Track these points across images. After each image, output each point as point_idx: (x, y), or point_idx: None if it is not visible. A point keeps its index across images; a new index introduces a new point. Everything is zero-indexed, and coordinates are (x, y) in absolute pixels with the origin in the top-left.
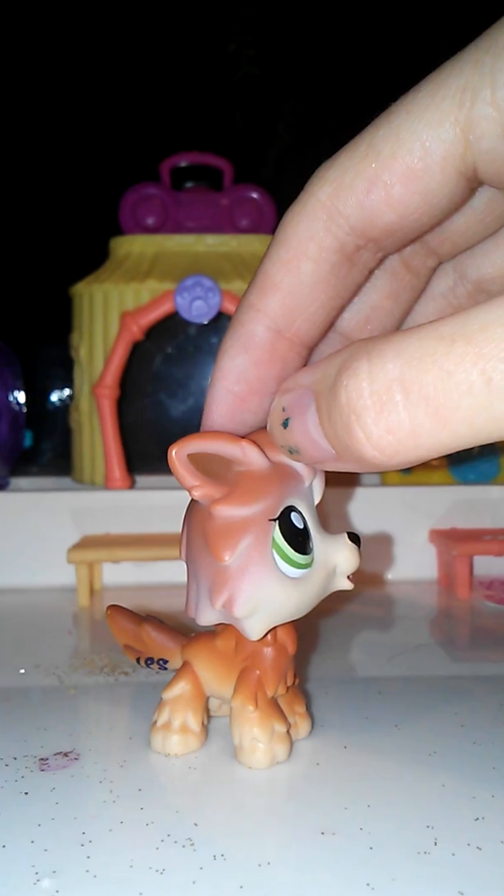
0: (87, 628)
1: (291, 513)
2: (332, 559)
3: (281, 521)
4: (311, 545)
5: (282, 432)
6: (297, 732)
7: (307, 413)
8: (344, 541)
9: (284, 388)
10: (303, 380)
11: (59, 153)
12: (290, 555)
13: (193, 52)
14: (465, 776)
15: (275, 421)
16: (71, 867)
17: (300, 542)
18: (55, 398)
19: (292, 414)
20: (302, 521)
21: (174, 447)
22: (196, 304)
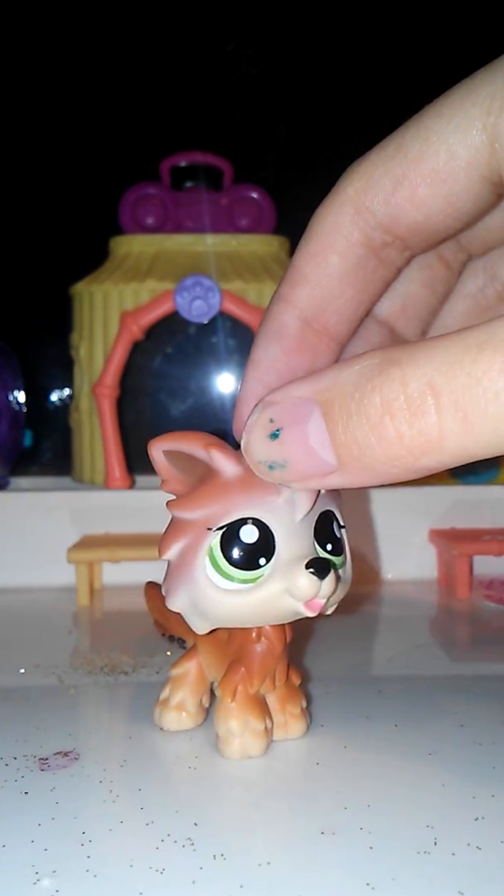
0: (87, 628)
1: (243, 526)
2: (287, 582)
3: (225, 531)
4: (263, 562)
5: (267, 446)
6: (287, 732)
7: (307, 421)
8: (300, 567)
9: (269, 401)
10: (298, 391)
11: (58, 153)
12: (222, 566)
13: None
14: (465, 776)
15: (258, 434)
16: (71, 867)
17: (240, 556)
18: (55, 398)
19: (285, 423)
20: (257, 536)
21: (152, 443)
22: (196, 304)
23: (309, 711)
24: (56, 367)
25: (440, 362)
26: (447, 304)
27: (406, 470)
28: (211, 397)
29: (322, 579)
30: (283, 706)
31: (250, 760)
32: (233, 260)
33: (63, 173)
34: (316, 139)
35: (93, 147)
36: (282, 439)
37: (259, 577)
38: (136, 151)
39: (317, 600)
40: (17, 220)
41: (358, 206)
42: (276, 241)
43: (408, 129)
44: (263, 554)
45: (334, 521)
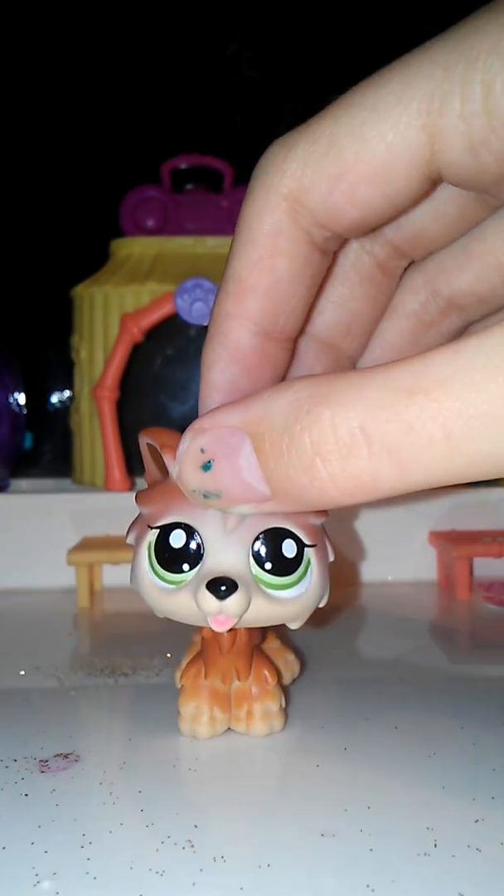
0: (87, 630)
1: (174, 530)
2: (195, 594)
3: (160, 532)
4: (186, 568)
5: (200, 476)
6: (249, 728)
7: (238, 454)
8: (201, 586)
9: (199, 429)
10: (227, 419)
11: (59, 156)
12: (154, 565)
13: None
14: (465, 778)
15: (190, 464)
16: (71, 869)
17: (165, 557)
18: (55, 400)
19: (216, 455)
20: (184, 541)
21: (142, 432)
22: (196, 306)
23: (286, 712)
24: (56, 369)
25: (371, 405)
26: (390, 322)
27: (337, 503)
28: None
29: (221, 600)
30: (245, 702)
31: (251, 762)
32: None
33: (64, 176)
34: None
35: (93, 150)
36: (214, 471)
37: (181, 582)
38: (136, 154)
39: (221, 617)
40: (18, 223)
41: (294, 205)
42: None
43: (338, 123)
44: (188, 560)
45: (287, 539)
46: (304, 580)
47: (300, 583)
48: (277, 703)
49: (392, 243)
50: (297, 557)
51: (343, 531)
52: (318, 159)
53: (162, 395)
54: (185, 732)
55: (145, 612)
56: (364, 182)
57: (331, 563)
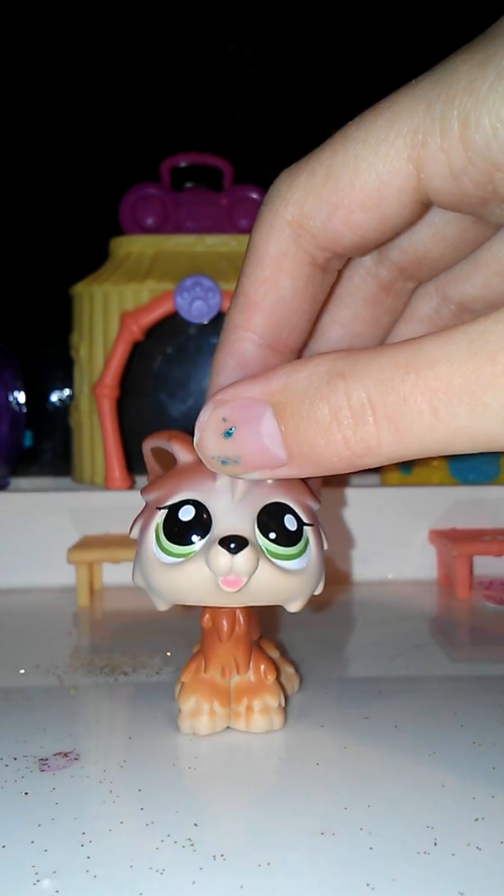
0: (86, 628)
1: (183, 506)
2: (206, 557)
3: (168, 510)
4: (195, 539)
5: (221, 443)
6: (248, 725)
7: (260, 422)
8: (214, 544)
9: (220, 400)
10: (248, 391)
11: (59, 153)
12: (162, 541)
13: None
14: (465, 776)
15: (211, 433)
16: (71, 867)
17: (174, 531)
18: (55, 398)
19: (238, 423)
20: (193, 514)
21: (144, 441)
22: (196, 305)
23: (286, 711)
24: (56, 367)
25: (375, 379)
26: (405, 326)
27: (347, 465)
28: None
29: (233, 554)
30: (244, 697)
31: (250, 761)
32: (233, 260)
33: (63, 174)
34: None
35: (93, 148)
36: (235, 437)
37: (190, 553)
38: (136, 152)
39: (232, 576)
40: (18, 221)
41: (297, 229)
42: None
43: (335, 156)
44: (197, 531)
45: (288, 514)
46: (305, 555)
47: (301, 556)
48: (277, 700)
49: (398, 266)
50: (297, 532)
51: (343, 530)
52: (317, 189)
53: (162, 393)
54: (185, 729)
55: (145, 611)
56: (358, 208)
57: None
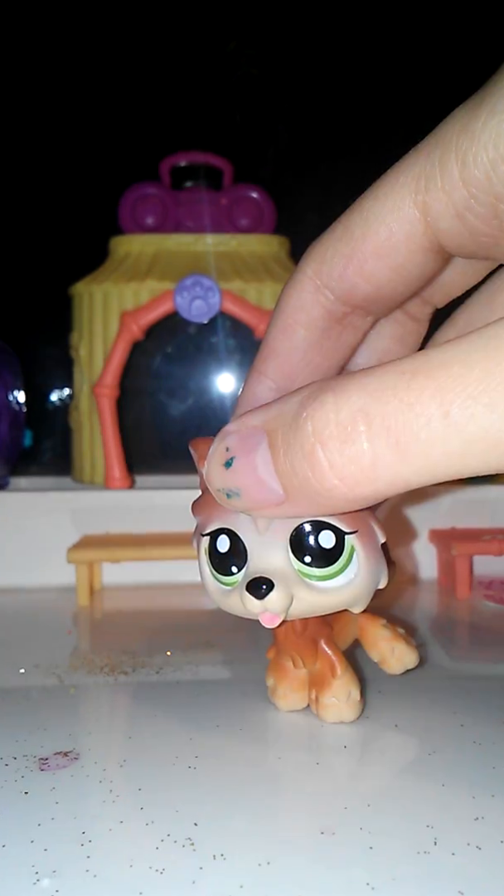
0: (86, 628)
1: (220, 536)
2: (242, 600)
3: (209, 538)
4: (234, 570)
5: (222, 474)
6: (318, 712)
7: (256, 451)
8: (243, 587)
9: (227, 431)
10: (251, 420)
11: (58, 152)
12: (212, 569)
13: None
14: (465, 776)
15: (216, 463)
16: (71, 867)
17: (216, 563)
18: (55, 398)
19: (237, 453)
20: (228, 545)
21: (190, 443)
22: (196, 304)
23: (363, 702)
24: (56, 366)
25: (373, 388)
26: None
27: (344, 500)
28: (211, 397)
29: (259, 599)
30: (313, 688)
31: (250, 760)
32: (233, 260)
33: (63, 173)
34: (316, 139)
35: (92, 147)
36: (234, 468)
37: (233, 583)
38: (135, 151)
39: (267, 615)
40: (18, 221)
41: (316, 283)
42: (275, 241)
43: (352, 213)
44: (236, 562)
45: (324, 531)
46: (350, 567)
47: (345, 571)
48: (345, 694)
49: (420, 296)
50: (336, 547)
51: None
52: (335, 243)
53: (162, 392)
54: (271, 701)
55: (145, 611)
56: (371, 258)
57: (382, 543)
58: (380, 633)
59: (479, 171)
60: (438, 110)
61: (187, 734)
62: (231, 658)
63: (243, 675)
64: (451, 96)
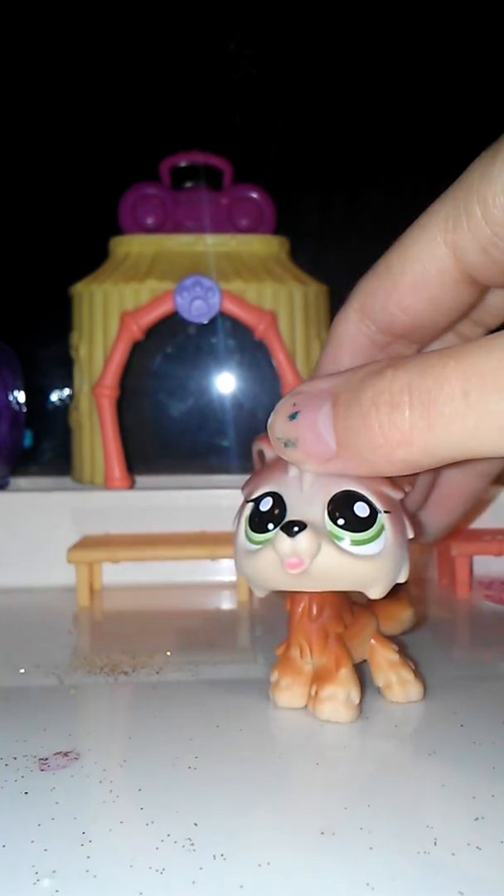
0: (87, 628)
1: (264, 498)
2: (273, 543)
3: (254, 503)
4: (271, 527)
5: (285, 424)
6: (315, 709)
7: (319, 409)
8: (277, 530)
9: (297, 390)
10: (321, 384)
11: (58, 153)
12: (248, 531)
13: (193, 52)
14: (465, 776)
15: (281, 413)
16: (71, 867)
17: (254, 521)
18: (55, 398)
19: (303, 408)
20: (271, 505)
21: (257, 439)
22: (196, 304)
23: (361, 708)
24: (56, 367)
25: (421, 367)
26: None
27: (386, 460)
28: (211, 397)
29: (292, 537)
30: (314, 683)
31: (250, 760)
32: (233, 260)
33: (63, 173)
34: (316, 139)
35: (92, 147)
36: (298, 420)
37: (266, 540)
38: (135, 151)
39: (294, 559)
40: (17, 220)
41: (360, 315)
42: (275, 241)
43: (393, 252)
44: (273, 520)
45: (359, 502)
46: (378, 541)
47: (373, 542)
48: (346, 692)
49: (470, 318)
50: (369, 518)
51: None
52: (378, 278)
53: (162, 393)
54: (270, 698)
55: (145, 611)
56: (409, 291)
57: (410, 539)
58: (389, 657)
59: (497, 210)
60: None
61: (187, 734)
62: (231, 658)
63: (243, 675)
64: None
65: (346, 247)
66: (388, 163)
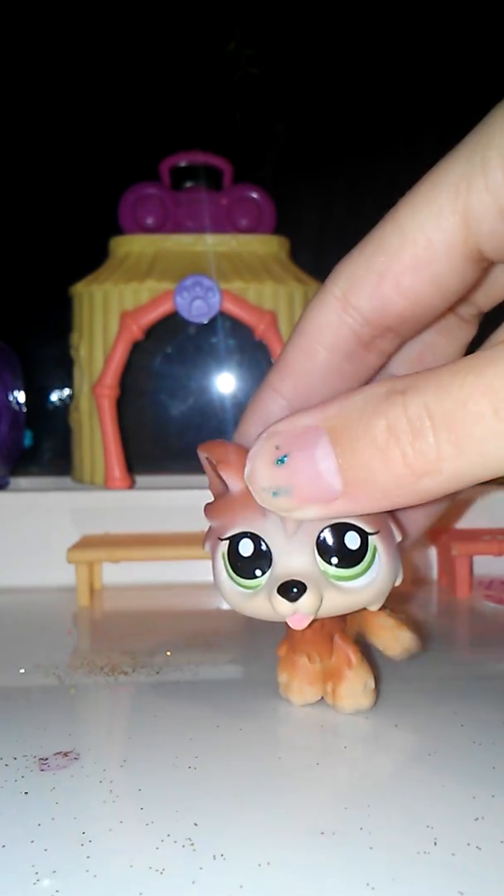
0: (86, 628)
1: (242, 539)
2: (271, 603)
3: (230, 543)
4: (258, 573)
5: (273, 472)
6: (329, 700)
7: (314, 448)
8: (273, 591)
9: (273, 431)
10: (304, 420)
11: (58, 153)
12: (230, 572)
13: (192, 52)
14: (465, 776)
15: (263, 462)
16: (71, 867)
17: (237, 566)
18: (55, 398)
19: (292, 450)
20: (252, 549)
21: (200, 448)
22: (196, 304)
23: (377, 691)
24: (56, 367)
25: (434, 387)
26: None
27: (409, 492)
28: (211, 397)
29: (293, 602)
30: (330, 680)
31: (250, 760)
32: (233, 260)
33: (63, 173)
34: (315, 139)
35: (92, 147)
36: (288, 464)
37: (257, 587)
38: (135, 151)
39: (297, 616)
40: (18, 220)
41: (344, 304)
42: (275, 241)
43: (385, 226)
44: (259, 566)
45: (349, 532)
46: (373, 567)
47: (368, 571)
48: (361, 684)
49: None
50: (361, 547)
51: None
52: (367, 258)
53: (162, 392)
54: (283, 696)
55: (145, 611)
56: (409, 271)
57: (399, 542)
58: (383, 622)
59: None
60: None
61: (187, 734)
62: (231, 658)
63: (243, 674)
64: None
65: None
66: (388, 163)
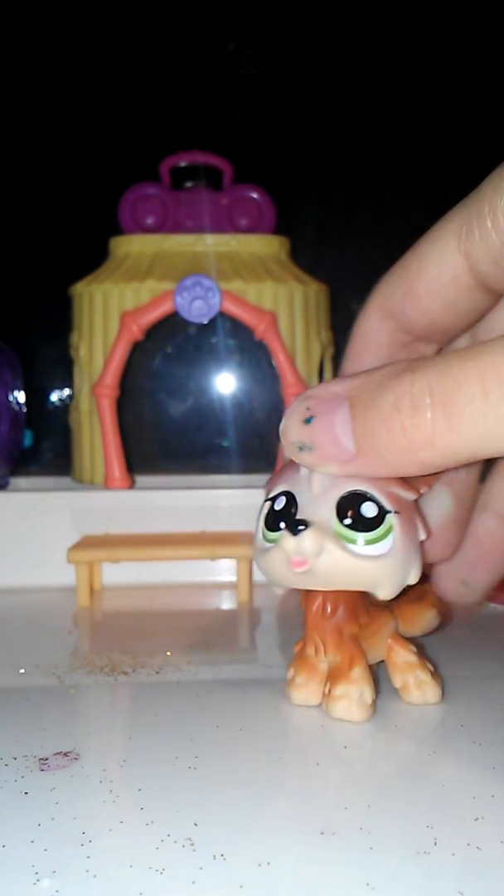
0: (87, 628)
1: (278, 497)
2: (279, 541)
3: (270, 503)
4: (282, 525)
5: (299, 428)
6: (328, 707)
7: (336, 413)
8: (284, 529)
9: (309, 394)
10: (334, 388)
11: (58, 153)
12: (263, 529)
13: (193, 52)
14: (465, 776)
15: (294, 418)
16: (71, 867)
17: (269, 519)
18: (55, 398)
19: (317, 412)
20: (284, 504)
21: None
22: (196, 304)
23: (375, 706)
24: (56, 367)
25: (439, 369)
26: None
27: (409, 461)
28: (211, 397)
29: (294, 535)
30: (328, 681)
31: (250, 760)
32: (233, 260)
33: (63, 173)
34: (316, 139)
35: (92, 147)
36: (312, 424)
37: (277, 539)
38: (135, 151)
39: (298, 558)
40: (17, 220)
41: (381, 315)
42: (275, 241)
43: (411, 254)
44: (285, 519)
45: (367, 502)
46: (385, 541)
47: (380, 542)
48: (358, 691)
49: None
50: (377, 518)
51: None
52: (396, 279)
53: (161, 393)
54: (286, 694)
55: (145, 611)
56: (424, 294)
57: (422, 541)
58: (407, 658)
59: None
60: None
61: (187, 734)
62: (231, 658)
63: (243, 675)
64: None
65: (346, 247)
66: (388, 163)
